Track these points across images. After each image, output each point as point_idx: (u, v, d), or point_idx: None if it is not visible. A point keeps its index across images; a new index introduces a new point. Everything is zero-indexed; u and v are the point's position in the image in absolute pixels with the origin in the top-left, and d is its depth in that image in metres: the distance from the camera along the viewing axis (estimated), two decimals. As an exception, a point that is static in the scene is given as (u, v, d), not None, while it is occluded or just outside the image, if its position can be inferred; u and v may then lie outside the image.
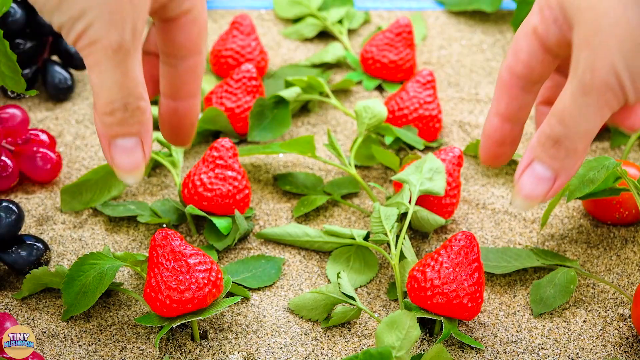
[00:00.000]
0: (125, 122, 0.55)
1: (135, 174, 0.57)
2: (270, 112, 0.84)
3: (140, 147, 0.57)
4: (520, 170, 0.57)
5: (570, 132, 0.54)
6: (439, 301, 0.65)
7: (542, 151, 0.55)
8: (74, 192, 0.78)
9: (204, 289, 0.64)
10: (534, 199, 0.56)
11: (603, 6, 0.49)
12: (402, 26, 0.92)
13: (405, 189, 0.73)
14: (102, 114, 0.55)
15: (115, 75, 0.54)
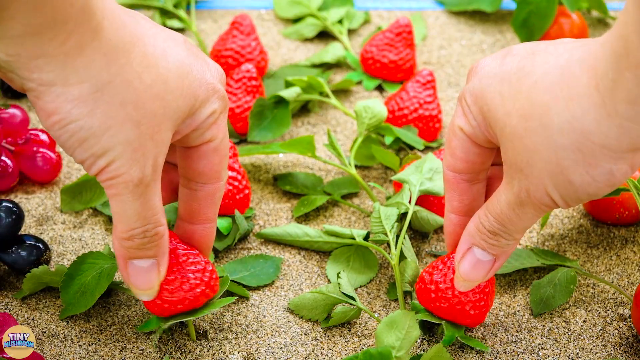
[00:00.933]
0: (144, 246, 0.58)
1: (150, 293, 0.60)
2: (270, 112, 0.84)
3: (156, 268, 0.59)
4: (460, 255, 0.61)
5: (508, 230, 0.58)
6: (442, 305, 0.64)
7: (482, 240, 0.60)
8: (74, 192, 0.78)
9: (195, 290, 0.62)
10: (475, 280, 0.61)
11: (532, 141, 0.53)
12: (402, 26, 0.92)
13: (405, 189, 0.73)
14: (122, 239, 0.57)
15: (135, 206, 0.55)
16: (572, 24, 0.96)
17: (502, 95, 0.55)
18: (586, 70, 0.51)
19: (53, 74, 0.51)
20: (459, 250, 0.61)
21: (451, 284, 0.64)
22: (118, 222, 0.57)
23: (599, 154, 0.51)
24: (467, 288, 0.63)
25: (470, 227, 0.60)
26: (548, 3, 0.95)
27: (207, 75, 0.58)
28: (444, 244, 0.75)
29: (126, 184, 0.54)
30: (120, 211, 0.56)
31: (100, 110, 0.52)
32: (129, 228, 0.56)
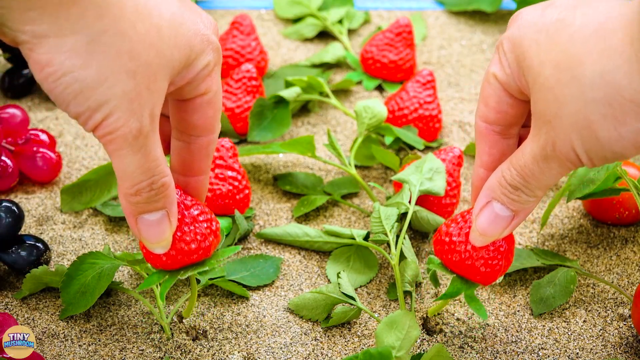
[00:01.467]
0: (151, 199, 0.56)
1: (164, 244, 0.59)
2: (270, 112, 0.84)
3: (167, 219, 0.58)
4: (478, 209, 0.60)
5: (530, 184, 0.57)
6: (453, 258, 0.62)
7: (503, 194, 0.59)
8: (74, 192, 0.78)
9: (207, 239, 0.60)
10: (492, 235, 0.60)
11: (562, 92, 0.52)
12: (402, 26, 0.92)
13: (405, 189, 0.73)
14: (128, 195, 0.56)
15: (137, 159, 0.54)
16: (572, 24, 0.96)
17: (539, 45, 0.54)
18: (623, 26, 0.51)
19: (46, 26, 0.50)
20: (477, 203, 0.60)
21: (465, 238, 0.61)
22: (122, 178, 0.55)
23: (629, 110, 0.51)
24: (482, 243, 0.61)
25: (491, 180, 0.59)
26: (548, 3, 0.94)
27: (201, 26, 0.56)
28: (444, 244, 0.76)
29: (125, 137, 0.53)
30: (123, 167, 0.54)
31: (95, 62, 0.51)
32: (133, 183, 0.55)
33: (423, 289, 0.72)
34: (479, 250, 0.61)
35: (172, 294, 0.70)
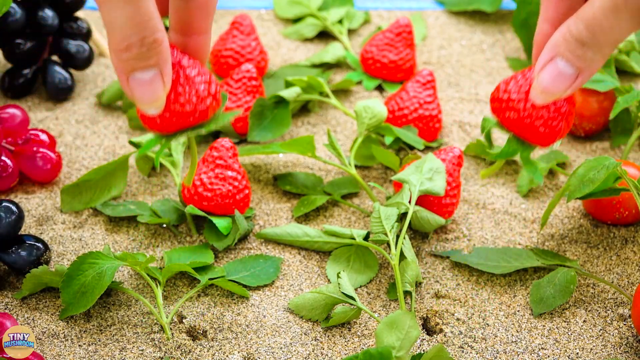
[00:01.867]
0: (143, 56, 0.54)
1: (157, 105, 0.56)
2: (270, 112, 0.84)
3: (160, 78, 0.55)
4: (540, 65, 0.57)
5: (598, 40, 0.55)
6: (511, 117, 0.58)
7: (568, 50, 0.56)
8: (74, 192, 0.78)
9: (205, 101, 0.57)
10: (553, 93, 0.57)
11: None
12: (402, 26, 0.92)
13: (405, 189, 0.73)
14: (118, 51, 0.54)
15: (128, 11, 0.52)
16: (572, 24, 0.96)
17: None
18: None
19: None
20: (540, 59, 0.57)
21: (525, 96, 0.58)
22: (112, 32, 0.53)
23: None
24: (543, 101, 0.58)
25: (556, 35, 0.56)
26: (548, 3, 0.94)
27: None
28: (444, 244, 0.76)
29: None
30: (112, 19, 0.52)
31: None
32: (124, 36, 0.53)
33: (423, 289, 0.72)
34: (539, 110, 0.57)
35: (172, 294, 0.70)
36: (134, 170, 0.82)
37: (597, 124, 0.86)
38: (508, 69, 0.98)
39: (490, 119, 0.61)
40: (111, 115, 0.89)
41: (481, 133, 0.62)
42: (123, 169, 0.78)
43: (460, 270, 0.73)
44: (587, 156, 0.86)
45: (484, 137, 0.61)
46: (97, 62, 0.96)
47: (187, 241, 0.75)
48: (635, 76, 0.96)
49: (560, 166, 0.84)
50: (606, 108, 0.85)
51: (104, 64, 0.96)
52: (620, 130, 0.86)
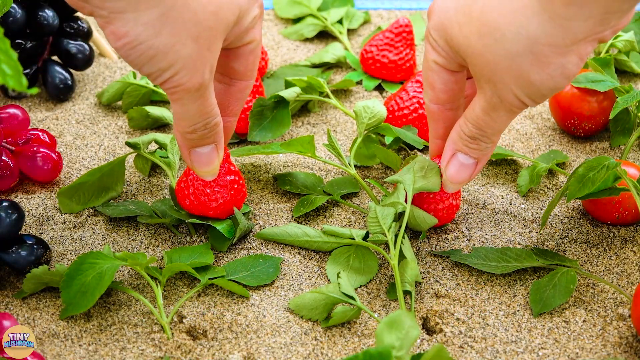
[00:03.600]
0: (205, 136, 0.67)
1: (213, 172, 0.71)
2: (270, 112, 0.84)
3: (216, 151, 0.69)
4: (445, 161, 0.70)
5: (485, 133, 0.67)
6: None
7: (464, 145, 0.68)
8: (70, 194, 0.78)
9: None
10: (460, 181, 0.70)
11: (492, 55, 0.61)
12: (402, 26, 0.92)
13: (400, 188, 0.73)
14: (185, 133, 0.67)
15: (197, 105, 0.65)
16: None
17: (460, 24, 0.63)
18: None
19: (124, 2, 0.59)
20: (444, 157, 0.69)
21: None
22: (180, 119, 0.66)
23: (549, 52, 0.60)
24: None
25: (452, 135, 0.68)
26: (548, 3, 0.94)
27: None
28: (444, 244, 0.76)
29: (188, 90, 0.63)
30: (183, 111, 0.65)
31: (166, 31, 0.60)
32: (191, 124, 0.66)
33: (423, 288, 0.72)
34: None
35: (172, 294, 0.71)
36: (133, 170, 0.82)
37: (596, 124, 0.86)
38: (508, 69, 0.97)
39: None
40: (111, 115, 0.89)
41: None
42: (120, 170, 0.78)
43: (460, 270, 0.73)
44: (587, 156, 0.86)
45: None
46: (97, 62, 0.96)
47: (187, 241, 0.75)
48: (635, 76, 0.96)
49: (560, 166, 0.84)
50: (606, 108, 0.85)
51: (104, 64, 0.96)
52: (620, 130, 0.86)
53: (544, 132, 0.89)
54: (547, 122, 0.90)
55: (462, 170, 0.69)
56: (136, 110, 0.86)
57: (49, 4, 0.88)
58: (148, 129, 0.87)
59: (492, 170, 0.84)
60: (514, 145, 0.87)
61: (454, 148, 0.68)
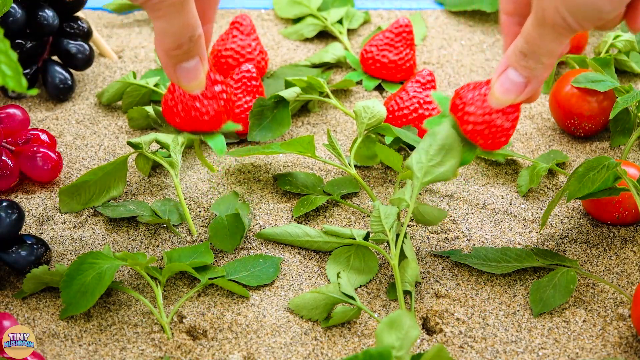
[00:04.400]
0: (189, 49, 0.66)
1: (200, 85, 0.68)
2: (270, 112, 0.84)
3: (200, 63, 0.67)
4: (496, 75, 0.68)
5: (534, 51, 0.65)
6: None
7: (515, 61, 0.67)
8: (72, 193, 0.78)
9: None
10: (507, 99, 0.67)
11: None
12: (402, 26, 0.92)
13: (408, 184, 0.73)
14: (170, 50, 0.66)
15: (181, 20, 0.64)
16: (572, 24, 0.96)
17: None
18: None
19: None
20: (496, 70, 0.68)
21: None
22: (164, 36, 0.65)
23: None
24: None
25: (508, 50, 0.68)
26: (548, 3, 0.94)
27: None
28: (444, 244, 0.76)
29: (173, 3, 0.63)
30: (167, 27, 0.64)
31: None
32: (176, 39, 0.65)
33: (423, 288, 0.72)
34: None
35: (172, 294, 0.71)
36: (134, 170, 0.82)
37: (596, 124, 0.86)
38: (508, 69, 0.98)
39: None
40: (111, 115, 0.89)
41: None
42: (122, 170, 0.78)
43: (460, 270, 0.73)
44: (587, 156, 0.86)
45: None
46: (97, 62, 0.96)
47: (187, 241, 0.75)
48: (635, 76, 0.96)
49: (560, 166, 0.84)
50: (606, 108, 0.85)
51: (104, 64, 0.96)
52: (619, 130, 0.86)
53: (544, 132, 0.89)
54: (547, 122, 0.90)
55: (510, 87, 0.67)
56: (136, 110, 0.86)
57: (49, 4, 0.88)
58: (148, 129, 0.88)
59: (492, 170, 0.84)
60: (514, 145, 0.87)
61: (506, 63, 0.68)
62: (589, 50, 1.01)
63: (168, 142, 0.79)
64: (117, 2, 1.01)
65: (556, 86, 0.87)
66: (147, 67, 0.96)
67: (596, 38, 1.03)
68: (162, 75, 0.92)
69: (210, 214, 0.78)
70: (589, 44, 1.02)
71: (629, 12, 0.67)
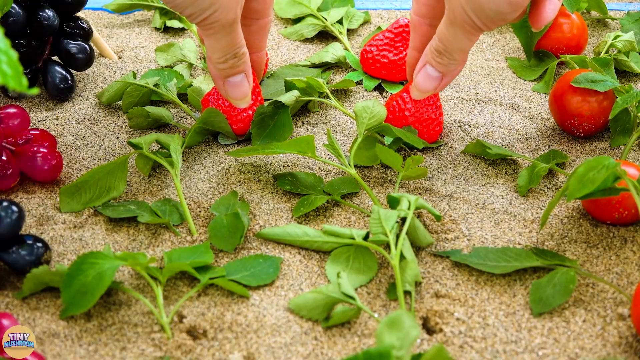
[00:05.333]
0: (235, 65, 0.77)
1: (246, 100, 0.80)
2: (271, 119, 0.84)
3: (246, 79, 0.78)
4: (417, 71, 0.78)
5: (448, 48, 0.75)
6: None
7: (432, 58, 0.76)
8: (72, 192, 0.78)
9: None
10: (426, 91, 0.78)
11: None
12: (402, 26, 0.92)
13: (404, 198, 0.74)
14: (217, 64, 0.77)
15: (229, 38, 0.75)
16: (571, 24, 0.96)
17: None
18: None
19: None
20: (417, 66, 0.78)
21: None
22: (214, 52, 0.76)
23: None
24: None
25: (425, 49, 0.77)
26: (548, 3, 0.94)
27: None
28: (444, 244, 0.76)
29: (224, 26, 0.73)
30: (216, 44, 0.75)
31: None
32: (224, 54, 0.76)
33: (423, 288, 0.72)
34: None
35: (172, 294, 0.71)
36: (134, 170, 0.82)
37: (596, 124, 0.86)
38: (507, 68, 0.98)
39: None
40: (111, 115, 0.89)
41: None
42: (123, 170, 0.78)
43: (460, 270, 0.73)
44: (587, 156, 0.86)
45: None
46: (97, 62, 0.96)
47: (187, 241, 0.75)
48: (635, 76, 0.96)
49: (560, 166, 0.84)
50: (606, 108, 0.85)
51: (104, 64, 0.96)
52: (619, 130, 0.86)
53: (544, 132, 0.89)
54: (547, 122, 0.90)
55: (428, 81, 0.77)
56: (136, 110, 0.86)
57: (49, 4, 0.88)
58: (148, 129, 0.88)
59: (492, 170, 0.84)
60: (514, 145, 0.87)
61: (425, 60, 0.77)
62: (589, 50, 1.01)
63: (169, 142, 0.79)
64: (117, 2, 1.01)
65: (556, 86, 0.87)
66: (147, 67, 0.96)
67: (596, 38, 1.03)
68: (162, 75, 0.92)
69: (210, 214, 0.78)
70: (589, 44, 1.02)
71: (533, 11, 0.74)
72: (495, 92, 0.94)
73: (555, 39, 0.96)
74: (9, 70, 0.58)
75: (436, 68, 0.76)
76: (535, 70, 0.97)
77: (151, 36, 1.01)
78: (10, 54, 0.59)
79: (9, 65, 0.59)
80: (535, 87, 0.95)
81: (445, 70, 0.76)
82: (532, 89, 0.94)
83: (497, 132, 0.88)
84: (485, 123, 0.89)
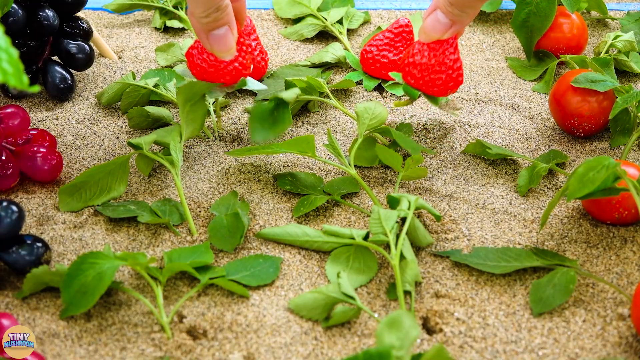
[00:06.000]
0: (218, 18, 0.76)
1: (231, 52, 0.78)
2: (270, 115, 0.84)
3: (230, 31, 0.77)
4: (426, 14, 0.77)
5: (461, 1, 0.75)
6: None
7: (443, 5, 0.76)
8: (72, 191, 0.78)
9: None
10: (434, 35, 0.77)
11: None
12: (402, 26, 0.92)
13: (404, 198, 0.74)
14: (200, 18, 0.76)
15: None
16: (571, 24, 0.96)
17: None
18: None
19: None
20: (427, 10, 0.77)
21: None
22: (196, 6, 0.75)
23: None
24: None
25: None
26: (548, 3, 0.95)
27: None
28: (444, 244, 0.76)
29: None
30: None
31: None
32: (206, 8, 0.75)
33: (423, 288, 0.72)
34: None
35: (172, 294, 0.71)
36: (134, 170, 0.82)
37: (596, 124, 0.86)
38: (507, 68, 0.98)
39: None
40: (111, 115, 0.89)
41: None
42: (123, 170, 0.78)
43: (460, 270, 0.73)
44: (587, 156, 0.86)
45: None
46: (97, 62, 0.96)
47: (187, 241, 0.75)
48: (635, 76, 0.96)
49: (560, 166, 0.84)
50: (606, 108, 0.85)
51: (104, 64, 0.96)
52: (619, 130, 0.86)
53: (544, 132, 0.89)
54: (547, 122, 0.90)
55: (436, 26, 0.77)
56: (136, 110, 0.86)
57: (49, 4, 0.88)
58: (148, 129, 0.88)
59: (492, 170, 0.84)
60: (514, 145, 0.87)
61: (436, 4, 0.77)
62: (589, 50, 1.01)
63: (169, 142, 0.79)
64: (117, 2, 1.01)
65: (556, 86, 0.87)
66: (147, 67, 0.96)
67: (596, 38, 1.03)
68: (162, 75, 0.92)
69: (210, 214, 0.78)
70: (589, 44, 1.02)
71: None
72: (495, 92, 0.94)
73: (555, 39, 0.96)
74: (10, 68, 0.58)
75: (447, 16, 0.76)
76: (535, 70, 0.97)
77: (151, 36, 1.01)
78: (11, 52, 0.59)
79: (9, 63, 0.59)
80: (535, 87, 0.95)
81: (455, 19, 0.76)
82: (532, 89, 0.94)
83: (497, 132, 0.88)
84: (485, 123, 0.89)
